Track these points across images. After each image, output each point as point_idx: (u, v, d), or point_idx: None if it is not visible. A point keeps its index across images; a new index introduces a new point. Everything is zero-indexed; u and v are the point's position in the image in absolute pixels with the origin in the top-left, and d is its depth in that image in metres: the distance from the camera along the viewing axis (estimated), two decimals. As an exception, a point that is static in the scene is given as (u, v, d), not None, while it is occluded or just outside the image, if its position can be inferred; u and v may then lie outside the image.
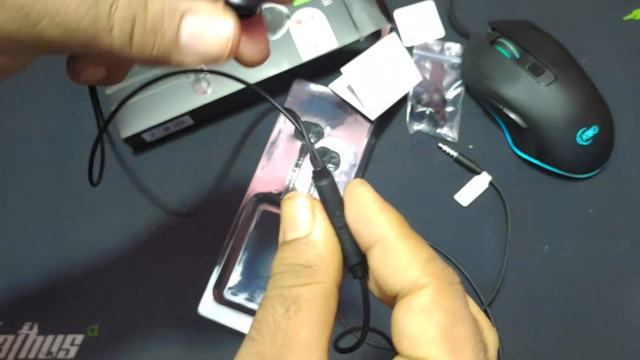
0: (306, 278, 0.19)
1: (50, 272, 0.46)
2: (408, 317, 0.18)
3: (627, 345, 0.43)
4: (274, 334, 0.18)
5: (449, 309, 0.18)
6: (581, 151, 0.45)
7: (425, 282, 0.18)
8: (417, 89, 0.50)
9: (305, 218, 0.20)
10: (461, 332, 0.18)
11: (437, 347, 0.18)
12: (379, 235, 0.20)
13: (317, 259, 0.20)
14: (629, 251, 0.45)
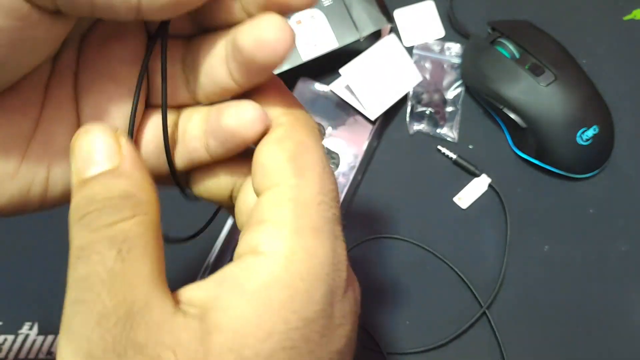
0: (129, 210, 0.16)
1: (50, 272, 0.46)
2: (262, 148, 0.19)
3: (627, 345, 0.43)
4: (109, 285, 0.15)
5: (299, 141, 0.18)
6: (581, 151, 0.45)
7: (284, 120, 0.19)
8: (417, 89, 0.50)
9: (110, 149, 0.17)
10: (308, 159, 0.18)
11: (283, 172, 0.18)
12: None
13: (136, 189, 0.17)
14: (629, 251, 0.45)
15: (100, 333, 0.15)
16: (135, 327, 0.15)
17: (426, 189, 0.48)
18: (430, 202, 0.47)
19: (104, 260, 0.15)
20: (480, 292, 0.44)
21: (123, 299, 0.15)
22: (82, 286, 0.15)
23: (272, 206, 0.17)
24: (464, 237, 0.46)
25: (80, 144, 0.18)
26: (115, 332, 0.15)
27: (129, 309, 0.15)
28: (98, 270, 0.15)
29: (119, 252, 0.16)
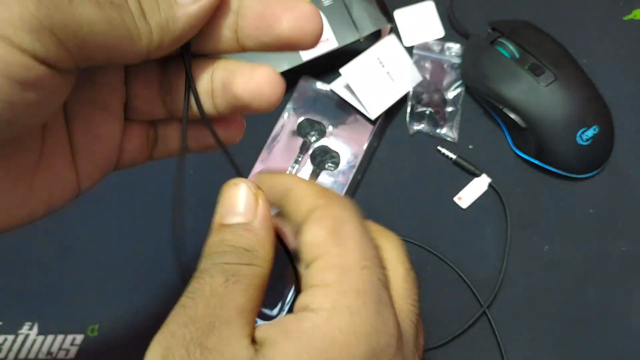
0: (247, 259, 0.20)
1: (50, 273, 0.46)
2: (304, 228, 0.21)
3: (627, 345, 0.43)
4: (208, 299, 0.18)
5: (336, 216, 0.21)
6: (581, 151, 0.45)
7: (321, 202, 0.22)
8: (417, 89, 0.50)
9: (250, 206, 0.21)
10: (348, 230, 0.21)
11: (326, 244, 0.20)
12: (287, 188, 0.23)
13: (258, 245, 0.21)
14: (629, 251, 0.45)
15: (183, 332, 0.18)
16: (210, 336, 0.18)
17: (426, 189, 0.48)
18: (430, 202, 0.47)
19: (212, 281, 0.19)
20: (481, 291, 0.44)
21: (212, 313, 0.18)
22: (188, 296, 0.19)
23: (320, 272, 0.20)
24: (464, 237, 0.46)
25: (227, 194, 0.21)
26: (195, 335, 0.18)
27: (212, 322, 0.18)
28: (204, 288, 0.19)
29: (227, 280, 0.19)
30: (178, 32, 0.19)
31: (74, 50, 0.17)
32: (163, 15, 0.19)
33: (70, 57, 0.17)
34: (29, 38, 0.15)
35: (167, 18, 0.19)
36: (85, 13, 0.16)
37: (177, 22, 0.19)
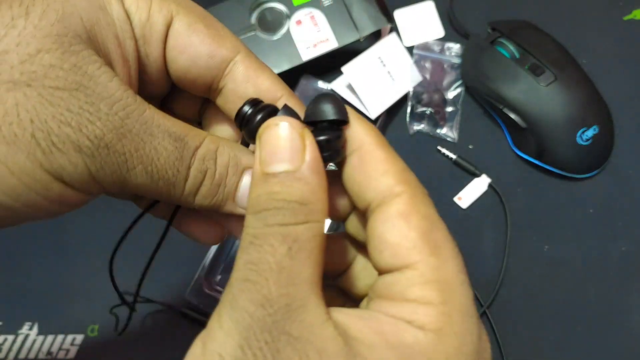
0: (303, 216, 0.18)
1: (50, 273, 0.46)
2: (387, 225, 0.18)
3: (627, 345, 0.43)
4: (277, 275, 0.17)
5: (425, 215, 0.18)
6: (581, 151, 0.45)
7: (401, 189, 0.19)
8: (417, 89, 0.50)
9: (296, 149, 0.18)
10: (439, 236, 0.18)
11: (420, 251, 0.18)
12: (358, 143, 0.20)
13: (312, 196, 0.18)
14: (629, 251, 0.45)
15: (262, 314, 0.16)
16: (291, 321, 0.16)
17: (426, 189, 0.48)
18: (430, 202, 0.47)
19: (274, 252, 0.17)
20: (481, 291, 0.44)
21: (286, 292, 0.16)
22: (252, 268, 0.17)
23: (418, 286, 0.18)
24: (464, 237, 0.46)
25: (268, 136, 0.18)
26: (275, 319, 0.16)
27: (289, 303, 0.16)
28: (268, 260, 0.17)
29: (289, 249, 0.17)
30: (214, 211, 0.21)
31: (114, 192, 0.19)
32: (213, 202, 0.20)
33: (107, 193, 0.19)
34: (80, 184, 0.18)
35: (214, 206, 0.20)
36: (136, 181, 0.19)
37: (220, 209, 0.21)
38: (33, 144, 0.16)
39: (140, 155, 0.18)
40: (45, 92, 0.17)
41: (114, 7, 0.19)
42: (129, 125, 0.18)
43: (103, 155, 0.18)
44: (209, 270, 0.44)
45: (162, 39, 0.20)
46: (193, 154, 0.19)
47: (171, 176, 0.19)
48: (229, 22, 0.48)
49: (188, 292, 0.43)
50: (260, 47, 0.48)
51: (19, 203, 0.17)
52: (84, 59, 0.17)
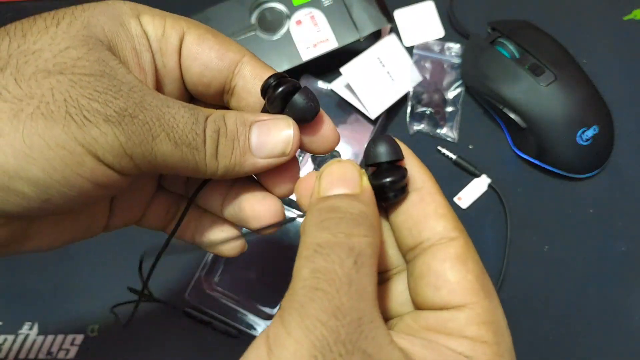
0: (364, 229, 0.19)
1: (50, 273, 0.46)
2: (447, 264, 0.20)
3: (627, 345, 0.43)
4: (347, 287, 0.17)
5: (477, 261, 0.20)
6: (581, 151, 0.45)
7: (456, 235, 0.20)
8: (417, 89, 0.50)
9: (355, 179, 0.20)
10: (488, 281, 0.20)
11: (477, 293, 0.19)
12: (419, 182, 0.21)
13: (372, 215, 0.20)
14: (629, 251, 0.45)
15: (335, 325, 0.16)
16: (364, 337, 0.16)
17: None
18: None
19: (342, 263, 0.17)
20: (481, 292, 0.44)
21: (357, 305, 0.17)
22: (321, 277, 0.17)
23: (475, 325, 0.19)
24: (464, 237, 0.46)
25: (330, 169, 0.21)
26: (348, 331, 0.16)
27: (360, 317, 0.17)
28: (336, 270, 0.17)
29: (355, 262, 0.18)
30: (241, 174, 0.22)
31: (145, 168, 0.20)
32: (234, 159, 0.22)
33: (139, 170, 0.20)
34: (112, 158, 0.19)
35: (236, 163, 0.22)
36: (162, 150, 0.20)
37: (243, 168, 0.22)
38: (68, 119, 0.18)
39: (162, 123, 0.20)
40: (75, 78, 0.19)
41: (132, 24, 0.22)
42: (148, 100, 0.20)
43: (129, 124, 0.19)
44: (209, 270, 0.44)
45: (176, 50, 0.23)
46: (206, 119, 0.21)
47: (192, 139, 0.21)
48: (229, 22, 0.48)
49: (188, 292, 0.43)
50: (260, 47, 0.48)
51: (54, 180, 0.18)
52: (106, 56, 0.20)
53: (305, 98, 0.23)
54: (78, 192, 0.19)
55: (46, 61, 0.19)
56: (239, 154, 0.22)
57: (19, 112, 0.18)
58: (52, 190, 0.19)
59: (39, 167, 0.18)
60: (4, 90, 0.18)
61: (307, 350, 0.16)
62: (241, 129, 0.22)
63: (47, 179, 0.18)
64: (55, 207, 0.19)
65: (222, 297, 0.43)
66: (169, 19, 0.23)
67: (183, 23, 0.23)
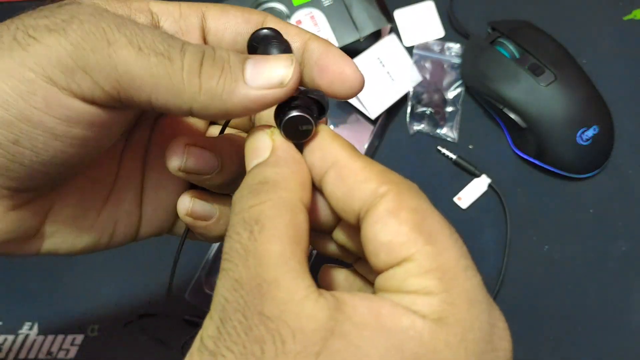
0: (264, 194, 0.18)
1: (50, 273, 0.46)
2: (377, 225, 0.18)
3: (627, 345, 0.43)
4: (244, 258, 0.17)
5: (414, 207, 0.18)
6: (581, 151, 0.45)
7: (385, 189, 0.18)
8: (417, 89, 0.50)
9: (265, 144, 0.20)
10: (433, 223, 0.18)
11: (414, 242, 0.17)
12: (331, 159, 0.20)
13: (275, 175, 0.19)
14: (629, 251, 0.45)
15: (235, 296, 0.17)
16: (263, 301, 0.16)
17: (426, 189, 0.47)
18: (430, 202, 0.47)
19: (240, 238, 0.17)
20: (480, 292, 0.44)
21: (255, 273, 0.17)
22: (225, 258, 0.18)
23: (416, 278, 0.17)
24: (464, 237, 0.46)
25: (246, 144, 0.20)
26: (247, 299, 0.16)
27: (259, 283, 0.16)
28: (236, 247, 0.17)
29: (251, 232, 0.17)
30: (227, 107, 0.19)
31: (110, 90, 0.17)
32: (221, 83, 0.18)
33: (107, 96, 0.18)
34: (64, 77, 0.17)
35: (224, 88, 0.19)
36: (122, 57, 0.17)
37: (232, 97, 0.19)
38: (14, 44, 0.17)
39: (122, 29, 0.17)
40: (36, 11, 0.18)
41: (140, 18, 0.20)
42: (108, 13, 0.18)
43: (77, 30, 0.17)
44: (209, 270, 0.44)
45: (198, 27, 0.22)
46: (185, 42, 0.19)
47: (163, 49, 0.18)
48: (229, 22, 0.48)
49: (188, 292, 0.43)
50: (260, 47, 0.48)
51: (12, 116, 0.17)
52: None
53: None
54: (43, 130, 0.17)
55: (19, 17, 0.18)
56: (229, 78, 0.19)
57: None
58: (15, 128, 0.17)
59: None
60: None
61: (214, 323, 0.16)
62: (234, 57, 0.19)
63: (5, 115, 0.17)
64: (33, 152, 0.18)
65: None
66: (183, 5, 0.22)
67: (200, 5, 0.22)
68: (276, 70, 0.19)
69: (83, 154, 0.19)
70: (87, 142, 0.19)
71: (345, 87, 0.21)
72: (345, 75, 0.21)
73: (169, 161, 0.22)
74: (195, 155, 0.22)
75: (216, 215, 0.25)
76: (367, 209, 0.18)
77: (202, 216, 0.24)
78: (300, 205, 0.18)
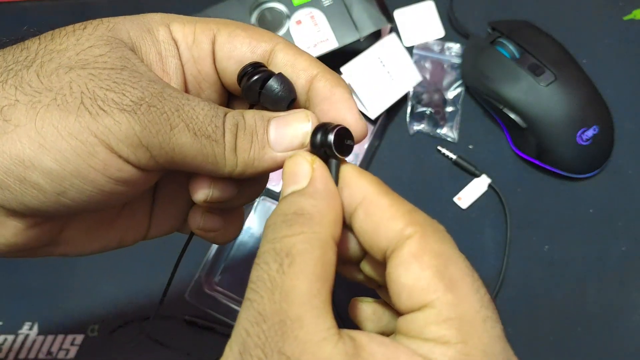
0: (299, 226, 0.18)
1: (50, 273, 0.46)
2: (400, 268, 0.18)
3: (627, 345, 0.43)
4: (271, 291, 0.17)
5: (438, 252, 0.18)
6: (581, 151, 0.45)
7: (411, 231, 0.19)
8: (417, 89, 0.50)
9: (304, 172, 0.20)
10: (455, 270, 0.18)
11: (435, 289, 0.18)
12: (360, 196, 0.20)
13: (311, 208, 0.19)
14: (629, 251, 0.45)
15: (256, 330, 0.17)
16: (285, 338, 0.16)
17: (426, 189, 0.48)
18: (430, 202, 0.47)
19: (268, 269, 0.18)
20: (481, 292, 0.44)
21: (280, 308, 0.17)
22: (251, 287, 0.18)
23: (435, 325, 0.17)
24: (464, 237, 0.46)
25: (285, 168, 0.21)
26: (269, 335, 0.17)
27: (283, 319, 0.17)
28: (263, 277, 0.18)
29: (281, 265, 0.18)
30: (260, 170, 0.22)
31: (163, 162, 0.20)
32: (252, 154, 0.21)
33: (157, 165, 0.20)
34: (127, 150, 0.19)
35: (255, 157, 0.21)
36: (180, 141, 0.19)
37: (262, 162, 0.21)
38: (82, 109, 0.18)
39: (181, 114, 0.19)
40: (95, 72, 0.19)
41: (160, 32, 0.22)
42: (167, 92, 0.20)
43: (145, 113, 0.19)
44: (209, 270, 0.44)
45: (209, 54, 0.23)
46: (225, 114, 0.21)
47: (211, 131, 0.20)
48: (229, 22, 0.48)
49: (188, 292, 0.43)
50: (260, 47, 0.48)
51: (67, 171, 0.18)
52: (128, 54, 0.20)
53: (278, 85, 0.22)
54: (93, 186, 0.19)
55: (69, 58, 0.19)
56: (257, 147, 0.21)
57: (36, 104, 0.18)
58: (66, 182, 0.18)
59: (51, 158, 0.18)
60: (27, 85, 0.18)
61: (234, 357, 0.17)
62: (259, 123, 0.22)
63: (60, 170, 0.18)
64: (73, 202, 0.19)
65: (222, 297, 0.43)
66: (198, 24, 0.23)
67: (213, 25, 0.23)
68: (297, 133, 0.21)
69: (113, 203, 0.21)
70: (123, 195, 0.20)
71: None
72: (346, 123, 0.22)
73: (195, 195, 0.23)
74: (220, 188, 0.23)
75: (224, 226, 0.26)
76: (392, 249, 0.19)
77: (212, 229, 0.25)
78: (331, 242, 0.19)
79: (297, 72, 0.23)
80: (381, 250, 0.19)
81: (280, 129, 0.21)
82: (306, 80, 0.22)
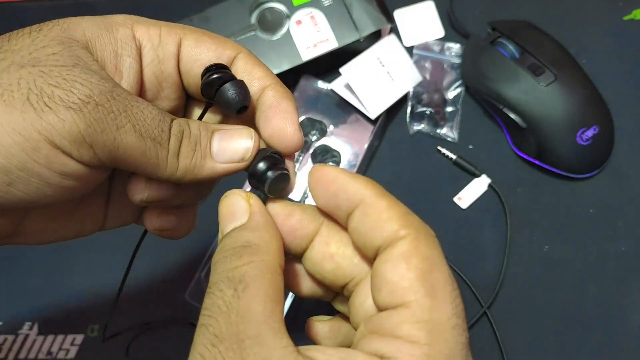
0: (248, 256, 0.20)
1: (50, 273, 0.46)
2: (388, 265, 0.20)
3: (627, 345, 0.43)
4: (226, 315, 0.18)
5: (426, 256, 0.19)
6: (581, 151, 0.45)
7: (405, 233, 0.20)
8: (417, 89, 0.50)
9: (242, 208, 0.22)
10: (439, 277, 0.19)
11: (416, 291, 0.19)
12: (358, 198, 0.21)
13: (257, 239, 0.21)
14: (629, 251, 0.45)
15: (212, 352, 0.17)
16: (244, 356, 0.17)
17: (426, 189, 0.48)
18: (430, 202, 0.47)
19: (223, 295, 0.19)
20: (481, 292, 0.44)
21: (237, 329, 0.17)
22: (205, 314, 0.19)
23: (407, 324, 0.18)
24: (464, 237, 0.46)
25: (221, 209, 0.22)
26: (226, 355, 0.17)
27: (241, 339, 0.17)
28: (218, 303, 0.18)
29: (235, 290, 0.19)
30: (199, 178, 0.23)
31: (106, 160, 0.20)
32: (194, 161, 0.22)
33: (101, 162, 0.20)
34: (70, 146, 0.19)
35: (196, 165, 0.22)
36: (126, 140, 0.20)
37: (202, 171, 0.22)
38: (27, 105, 0.18)
39: (129, 114, 0.20)
40: (46, 69, 0.19)
41: (120, 30, 0.22)
42: (117, 91, 0.20)
43: (92, 112, 0.19)
44: (209, 270, 0.44)
45: (174, 56, 0.24)
46: (172, 120, 0.22)
47: (157, 134, 0.21)
48: (229, 22, 0.48)
49: (188, 292, 0.43)
50: (260, 47, 0.48)
51: (12, 164, 0.19)
52: (80, 52, 0.21)
53: (234, 90, 0.23)
54: (39, 179, 0.19)
55: (22, 57, 0.20)
56: (199, 156, 0.22)
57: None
58: (12, 174, 0.19)
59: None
60: None
61: None
62: (204, 134, 0.23)
63: (5, 162, 0.19)
64: (24, 194, 0.20)
65: None
66: (164, 27, 0.24)
67: (179, 30, 0.24)
68: (238, 148, 0.23)
69: (66, 197, 0.21)
70: (74, 190, 0.21)
71: (282, 144, 0.24)
72: (284, 132, 0.23)
73: (131, 195, 0.24)
74: (155, 189, 0.24)
75: (178, 223, 0.27)
76: (385, 247, 0.20)
77: (167, 227, 0.27)
78: (279, 269, 0.20)
79: (252, 80, 0.24)
80: (374, 248, 0.21)
81: (224, 142, 0.23)
82: (258, 89, 0.24)
